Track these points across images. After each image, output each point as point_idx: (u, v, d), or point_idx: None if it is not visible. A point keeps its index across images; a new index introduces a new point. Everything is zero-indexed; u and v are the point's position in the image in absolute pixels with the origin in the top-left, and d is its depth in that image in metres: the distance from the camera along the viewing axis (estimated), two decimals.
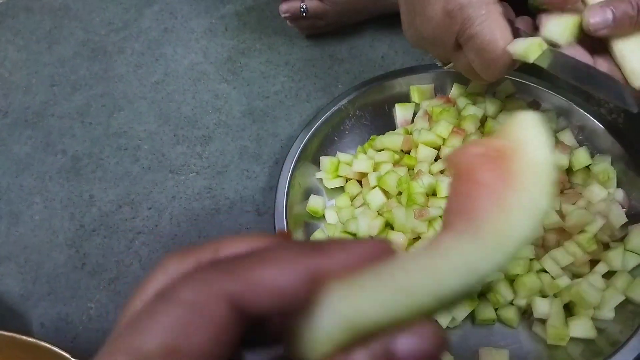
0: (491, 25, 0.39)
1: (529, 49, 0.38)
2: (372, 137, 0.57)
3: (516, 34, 0.40)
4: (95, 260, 0.54)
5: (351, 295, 0.18)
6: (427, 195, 0.48)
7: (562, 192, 0.50)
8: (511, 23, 0.40)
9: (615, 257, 0.45)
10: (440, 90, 0.59)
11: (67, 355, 0.40)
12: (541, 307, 0.44)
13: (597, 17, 0.37)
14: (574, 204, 0.48)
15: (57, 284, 0.53)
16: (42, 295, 0.52)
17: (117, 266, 0.53)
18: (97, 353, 0.17)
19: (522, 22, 0.41)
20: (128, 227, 0.56)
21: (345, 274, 0.19)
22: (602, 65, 0.39)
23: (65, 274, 0.53)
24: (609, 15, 0.37)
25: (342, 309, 0.18)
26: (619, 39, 0.38)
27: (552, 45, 0.39)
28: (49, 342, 0.41)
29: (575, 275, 0.46)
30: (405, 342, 0.18)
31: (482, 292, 0.47)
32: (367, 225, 0.48)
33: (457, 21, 0.40)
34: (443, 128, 0.52)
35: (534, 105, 0.56)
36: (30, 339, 0.41)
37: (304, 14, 0.64)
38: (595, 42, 0.39)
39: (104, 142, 0.63)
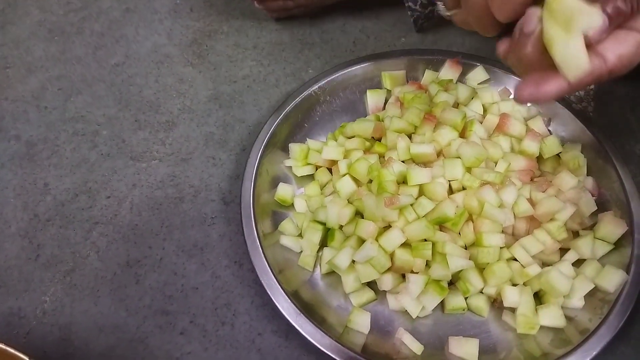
0: None
1: None
2: (342, 123, 0.55)
3: None
4: (50, 252, 0.51)
5: None
6: (398, 183, 0.47)
7: (532, 179, 0.49)
8: None
9: (585, 245, 0.45)
10: (412, 77, 0.58)
11: (23, 357, 0.37)
12: (511, 295, 0.44)
13: None
14: (544, 192, 0.48)
15: (9, 277, 0.50)
16: None
17: (73, 258, 0.50)
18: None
19: None
20: (85, 216, 0.53)
21: None
22: None
23: (18, 266, 0.50)
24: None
25: None
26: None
27: None
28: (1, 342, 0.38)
29: (545, 264, 0.46)
30: None
31: (452, 281, 0.46)
32: (336, 213, 0.47)
33: None
34: (414, 115, 0.51)
35: (505, 93, 0.55)
36: None
37: None
38: None
39: (60, 127, 0.59)
